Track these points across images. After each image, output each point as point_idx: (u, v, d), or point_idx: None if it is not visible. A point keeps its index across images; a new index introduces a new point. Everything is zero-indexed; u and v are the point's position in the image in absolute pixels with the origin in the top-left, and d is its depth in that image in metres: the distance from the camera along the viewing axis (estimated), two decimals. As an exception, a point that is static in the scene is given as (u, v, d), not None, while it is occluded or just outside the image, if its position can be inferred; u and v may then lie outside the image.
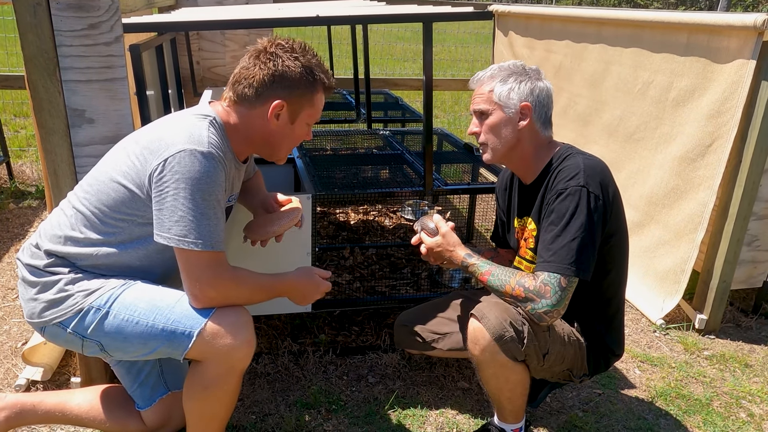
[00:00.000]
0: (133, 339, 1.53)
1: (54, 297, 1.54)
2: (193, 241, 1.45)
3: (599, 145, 3.30)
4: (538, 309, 1.63)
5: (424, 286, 2.94)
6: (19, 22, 1.65)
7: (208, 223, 1.47)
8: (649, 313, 2.85)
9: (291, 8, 2.79)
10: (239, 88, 1.58)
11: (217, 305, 1.53)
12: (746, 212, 2.59)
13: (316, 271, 1.72)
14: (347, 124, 4.18)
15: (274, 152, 1.70)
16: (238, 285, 1.55)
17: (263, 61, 1.56)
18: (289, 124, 1.62)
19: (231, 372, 1.55)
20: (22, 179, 4.47)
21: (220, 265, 1.51)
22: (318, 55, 1.64)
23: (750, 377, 2.47)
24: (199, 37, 4.12)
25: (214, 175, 1.47)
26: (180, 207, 1.44)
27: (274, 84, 1.56)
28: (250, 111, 1.59)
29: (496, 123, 1.76)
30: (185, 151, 1.45)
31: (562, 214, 1.65)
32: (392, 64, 10.23)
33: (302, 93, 1.59)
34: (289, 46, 1.58)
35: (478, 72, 1.82)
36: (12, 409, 1.72)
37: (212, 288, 1.50)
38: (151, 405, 1.72)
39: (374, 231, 3.67)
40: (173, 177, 1.44)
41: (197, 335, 1.49)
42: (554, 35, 3.71)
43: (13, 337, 2.52)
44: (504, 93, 1.73)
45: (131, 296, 1.54)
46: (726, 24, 2.43)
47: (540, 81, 1.75)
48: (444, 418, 2.13)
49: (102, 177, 1.55)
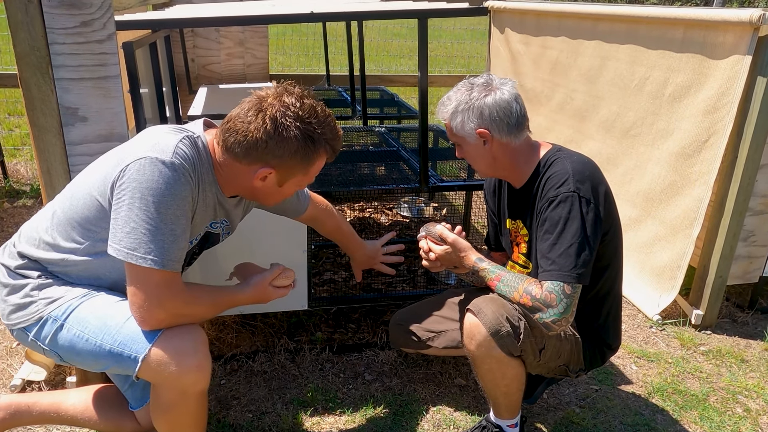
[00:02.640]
0: (85, 355, 1.48)
1: (20, 301, 1.51)
2: (142, 256, 1.35)
3: (596, 141, 3.30)
4: (546, 318, 1.62)
5: (421, 283, 2.94)
6: (10, 19, 1.63)
7: (162, 239, 1.36)
8: (645, 309, 2.85)
9: (285, 4, 2.77)
10: (230, 139, 1.44)
11: (167, 326, 1.43)
12: (742, 208, 2.60)
13: (270, 280, 1.60)
14: (343, 121, 4.17)
15: (260, 201, 1.62)
16: (190, 305, 1.45)
17: (261, 122, 1.41)
18: (276, 186, 1.53)
19: (185, 396, 1.48)
20: (16, 178, 4.45)
21: (172, 286, 1.40)
22: (329, 115, 1.49)
23: (746, 372, 2.48)
24: (194, 34, 4.11)
25: (175, 187, 1.37)
26: (133, 218, 1.35)
27: (266, 149, 1.43)
28: (235, 163, 1.48)
29: (467, 152, 1.79)
30: (146, 159, 1.36)
31: (555, 222, 1.65)
32: (388, 60, 10.21)
33: (296, 163, 1.47)
34: (295, 111, 1.42)
35: (438, 102, 1.81)
36: (7, 409, 1.71)
37: (161, 309, 1.40)
38: (143, 405, 1.70)
39: (370, 228, 3.66)
40: (130, 185, 1.36)
41: (142, 361, 1.41)
42: (550, 31, 3.70)
43: (8, 337, 2.50)
44: (458, 126, 1.74)
45: (86, 311, 1.47)
46: (722, 19, 2.42)
47: (489, 96, 1.70)
48: (441, 415, 2.13)
49: (79, 184, 1.51)
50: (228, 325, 2.59)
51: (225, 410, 2.10)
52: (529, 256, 1.83)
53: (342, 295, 2.77)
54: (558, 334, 1.77)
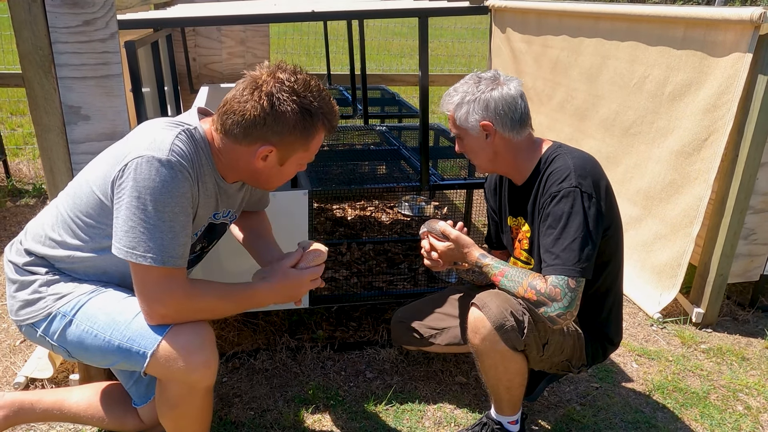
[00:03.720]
0: (94, 351, 1.50)
1: (28, 297, 1.53)
2: (141, 254, 1.37)
3: (596, 140, 3.30)
4: (551, 312, 1.63)
5: (422, 281, 2.94)
6: (14, 18, 1.64)
7: (161, 236, 1.37)
8: (646, 307, 2.86)
9: (287, 3, 2.78)
10: (228, 121, 1.45)
11: (172, 322, 1.44)
12: (743, 206, 2.60)
13: (291, 264, 1.58)
14: (344, 120, 4.17)
15: (261, 186, 1.61)
16: (193, 300, 1.45)
17: (257, 99, 1.41)
18: (277, 166, 1.53)
19: (192, 392, 1.50)
20: (19, 177, 4.46)
21: (172, 281, 1.41)
22: (324, 91, 1.49)
23: (747, 370, 2.48)
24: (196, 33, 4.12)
25: (172, 185, 1.37)
26: (131, 217, 1.37)
27: (265, 127, 1.43)
28: (235, 146, 1.48)
29: (469, 145, 1.80)
30: (142, 158, 1.37)
31: (558, 217, 1.66)
32: (389, 59, 10.21)
33: (295, 138, 1.47)
34: (290, 85, 1.43)
35: (444, 94, 1.80)
36: (11, 407, 1.72)
37: (161, 305, 1.41)
38: (147, 402, 1.71)
39: (371, 226, 3.67)
40: (128, 185, 1.37)
41: (150, 356, 1.43)
42: (551, 30, 3.71)
43: (12, 335, 2.52)
44: (462, 117, 1.75)
45: (95, 306, 1.49)
46: (722, 18, 2.43)
47: (495, 90, 1.71)
48: (442, 413, 2.14)
49: (81, 181, 1.52)
50: (230, 323, 2.59)
51: (227, 408, 2.11)
52: (531, 252, 1.83)
53: (343, 294, 2.78)
54: (561, 329, 1.78)
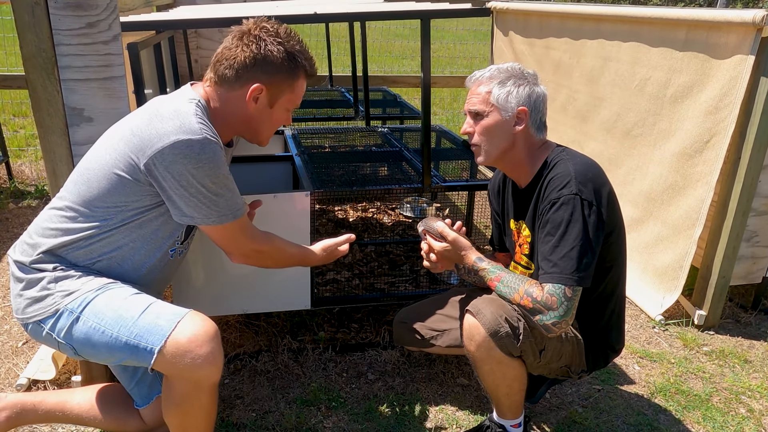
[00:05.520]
0: (101, 348, 1.51)
1: (36, 294, 1.54)
2: (218, 219, 1.56)
3: (598, 142, 3.30)
4: (546, 320, 1.63)
5: (423, 282, 2.94)
6: (17, 21, 1.65)
7: (226, 199, 1.55)
8: (648, 309, 2.85)
9: (289, 5, 2.78)
10: (220, 68, 1.58)
11: (259, 257, 1.72)
12: (745, 208, 2.60)
13: (333, 243, 1.90)
14: (345, 122, 4.18)
15: (254, 135, 1.71)
16: (257, 241, 1.70)
17: (246, 43, 1.56)
18: (267, 108, 1.63)
19: (198, 389, 1.53)
20: (21, 179, 4.47)
21: (246, 228, 1.66)
22: (303, 41, 1.65)
23: (749, 373, 2.48)
24: (198, 35, 4.13)
25: (215, 159, 1.50)
26: (195, 196, 1.50)
27: (254, 67, 1.56)
28: (229, 93, 1.60)
29: (491, 125, 1.75)
30: (180, 142, 1.46)
31: (557, 224, 1.65)
32: (390, 61, 10.22)
33: (283, 78, 1.60)
34: (274, 30, 1.59)
35: (475, 71, 1.80)
36: (13, 408, 1.72)
37: (251, 241, 1.68)
38: (148, 403, 1.72)
39: (373, 228, 3.67)
40: (176, 169, 1.47)
41: (158, 352, 1.46)
42: (553, 32, 3.71)
43: (14, 336, 2.52)
44: (502, 96, 1.72)
45: (102, 303, 1.52)
46: (725, 20, 2.43)
47: (537, 86, 1.75)
48: (443, 415, 2.14)
49: (90, 168, 1.55)
50: (231, 324, 2.60)
51: (229, 409, 2.11)
52: (532, 257, 1.83)
53: (345, 295, 2.78)
54: (559, 335, 1.78)
